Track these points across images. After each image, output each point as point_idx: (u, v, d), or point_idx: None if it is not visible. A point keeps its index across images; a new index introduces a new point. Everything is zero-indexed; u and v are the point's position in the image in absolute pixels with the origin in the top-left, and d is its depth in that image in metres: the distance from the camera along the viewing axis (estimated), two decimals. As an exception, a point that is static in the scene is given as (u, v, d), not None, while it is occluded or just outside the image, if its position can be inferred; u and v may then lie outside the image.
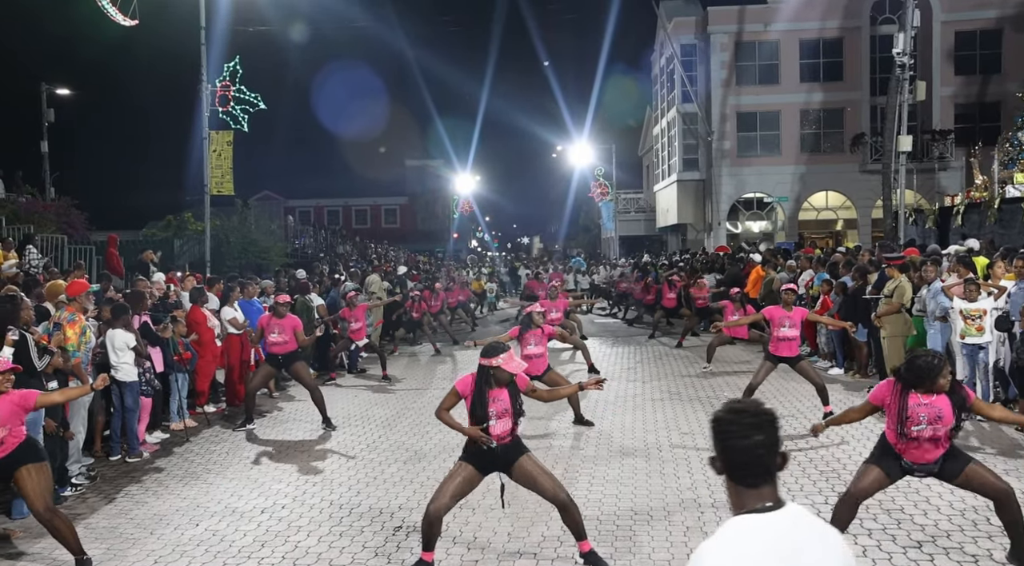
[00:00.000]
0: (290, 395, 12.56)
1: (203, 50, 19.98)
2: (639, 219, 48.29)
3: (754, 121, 35.44)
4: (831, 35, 34.47)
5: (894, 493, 6.71)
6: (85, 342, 8.21)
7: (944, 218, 20.86)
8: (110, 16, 17.22)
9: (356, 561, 5.76)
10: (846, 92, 34.63)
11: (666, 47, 36.97)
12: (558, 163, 60.24)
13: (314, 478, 7.91)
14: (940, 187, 31.47)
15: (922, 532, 5.87)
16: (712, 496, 6.84)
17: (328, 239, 41.87)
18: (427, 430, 9.80)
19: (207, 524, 6.66)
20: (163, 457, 8.95)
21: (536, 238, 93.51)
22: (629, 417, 10.09)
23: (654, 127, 44.09)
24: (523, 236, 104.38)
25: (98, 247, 20.29)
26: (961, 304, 9.15)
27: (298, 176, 63.52)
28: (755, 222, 36.74)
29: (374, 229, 62.90)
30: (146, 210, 39.91)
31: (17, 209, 21.36)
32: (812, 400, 10.07)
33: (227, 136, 20.82)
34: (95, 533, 6.51)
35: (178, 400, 10.25)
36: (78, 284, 8.72)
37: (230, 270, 18.26)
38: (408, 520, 6.54)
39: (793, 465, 7.68)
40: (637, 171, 52.15)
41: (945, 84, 33.35)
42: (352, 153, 62.62)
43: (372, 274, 19.26)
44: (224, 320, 11.56)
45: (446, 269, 28.31)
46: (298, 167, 64.34)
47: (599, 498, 6.93)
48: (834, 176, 34.67)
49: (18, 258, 14.90)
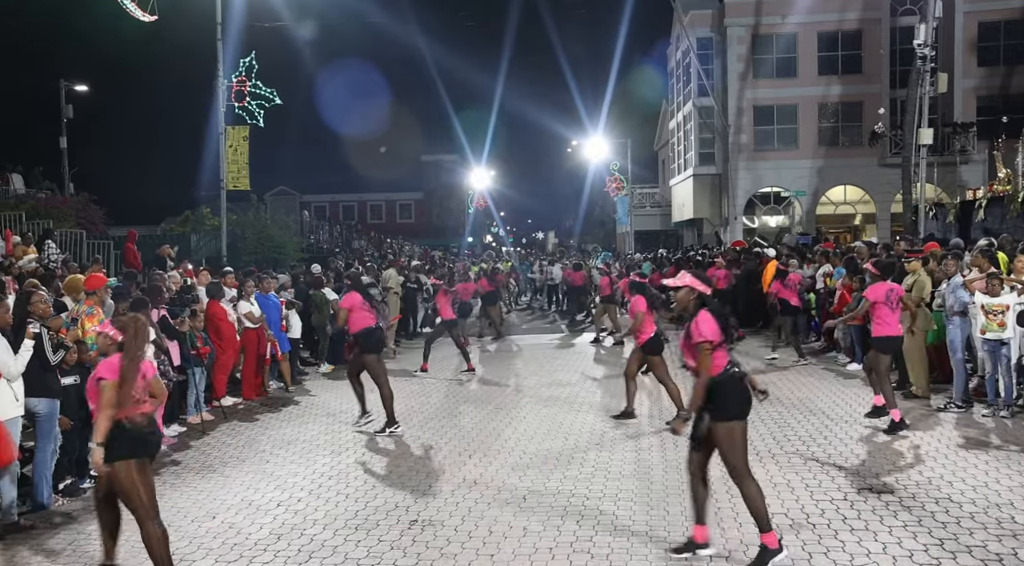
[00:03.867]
0: (305, 389, 12.59)
1: (219, 46, 20.06)
2: (655, 214, 48.10)
3: (771, 115, 35.19)
4: (850, 27, 34.15)
5: (915, 490, 6.64)
6: (103, 335, 8.24)
7: (965, 212, 20.62)
8: (129, 12, 17.28)
9: (372, 554, 5.75)
10: (865, 85, 34.32)
11: (682, 40, 36.76)
12: (573, 158, 60.11)
13: (329, 472, 7.91)
14: (961, 181, 31.13)
15: (944, 530, 5.79)
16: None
17: (343, 234, 41.96)
18: (441, 424, 9.79)
19: (224, 517, 6.67)
20: (180, 450, 8.98)
21: (551, 233, 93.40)
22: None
23: (670, 121, 43.89)
24: (538, 231, 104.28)
25: (116, 242, 20.42)
26: (983, 299, 9.03)
27: (313, 171, 63.53)
28: (772, 217, 36.50)
29: (389, 224, 62.97)
30: (163, 205, 40.10)
31: (36, 204, 21.52)
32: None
33: (243, 131, 20.89)
34: (113, 526, 6.54)
35: (195, 394, 10.28)
36: (96, 278, 8.77)
37: (246, 265, 18.30)
38: (423, 514, 6.52)
39: (812, 462, 7.62)
40: (653, 165, 51.92)
41: (967, 76, 32.94)
42: (367, 148, 62.63)
43: (389, 269, 19.31)
44: (240, 314, 11.58)
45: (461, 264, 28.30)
46: (313, 162, 64.45)
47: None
48: (852, 170, 34.39)
49: (37, 253, 15.01)
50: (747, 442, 5.36)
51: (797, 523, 6.01)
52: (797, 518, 6.11)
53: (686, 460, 5.60)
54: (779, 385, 11.50)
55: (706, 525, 5.52)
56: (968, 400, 9.48)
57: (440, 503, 6.78)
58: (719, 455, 5.35)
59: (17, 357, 6.52)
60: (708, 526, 5.54)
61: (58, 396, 7.04)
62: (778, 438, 8.53)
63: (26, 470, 7.05)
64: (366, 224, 57.73)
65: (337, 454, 8.58)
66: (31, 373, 6.66)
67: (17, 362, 6.50)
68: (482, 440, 8.91)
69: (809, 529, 5.89)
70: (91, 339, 7.93)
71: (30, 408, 6.78)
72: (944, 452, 7.74)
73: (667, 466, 7.61)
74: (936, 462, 7.42)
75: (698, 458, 5.49)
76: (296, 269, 19.05)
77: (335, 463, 8.23)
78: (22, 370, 6.55)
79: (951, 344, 9.63)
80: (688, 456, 5.56)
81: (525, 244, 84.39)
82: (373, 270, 19.41)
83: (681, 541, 5.63)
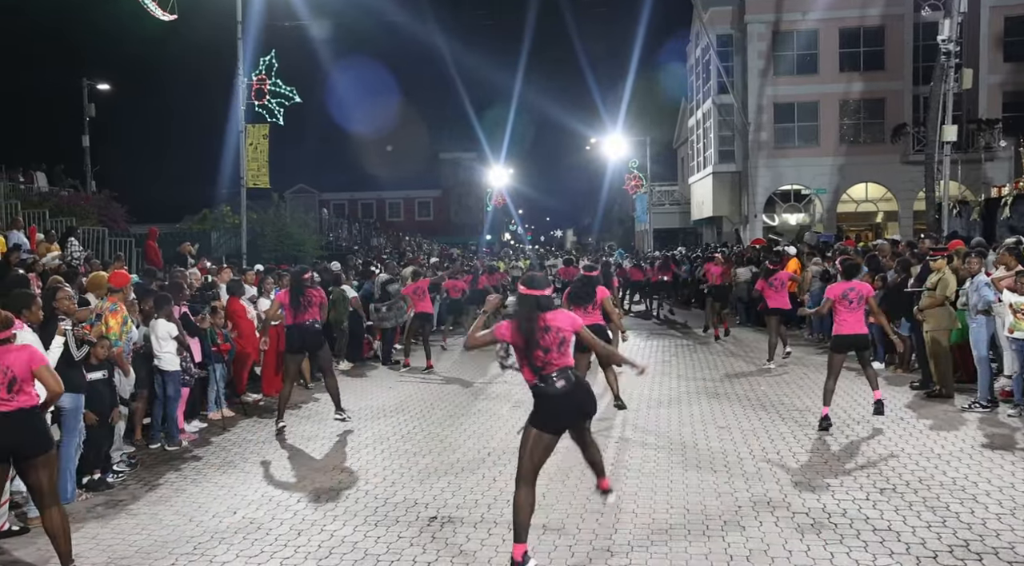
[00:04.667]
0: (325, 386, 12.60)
1: (239, 44, 20.16)
2: (674, 212, 47.95)
3: (791, 112, 34.94)
4: (872, 23, 33.85)
5: (939, 491, 6.57)
6: (127, 332, 8.32)
7: (990, 210, 20.39)
8: (149, 11, 17.39)
9: (392, 550, 5.75)
10: (887, 82, 34.00)
11: (702, 37, 36.58)
12: (592, 155, 59.96)
13: (350, 468, 7.93)
14: (986, 178, 30.80)
15: (969, 531, 5.72)
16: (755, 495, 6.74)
17: (362, 232, 42.09)
18: (461, 421, 9.80)
19: (244, 512, 6.71)
20: (201, 446, 9.03)
21: (569, 231, 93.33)
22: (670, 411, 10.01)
23: (689, 119, 43.69)
24: (556, 229, 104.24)
25: (137, 239, 20.58)
26: (1011, 297, 8.92)
27: (332, 169, 63.68)
28: (792, 214, 36.25)
29: (407, 222, 63.12)
30: (183, 203, 40.41)
31: (60, 202, 21.74)
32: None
33: (263, 129, 21.01)
34: (136, 519, 6.60)
35: (216, 390, 10.34)
36: (121, 275, 8.83)
37: (265, 262, 18.40)
38: (443, 510, 6.53)
39: (833, 460, 7.56)
40: (672, 163, 51.75)
41: (993, 72, 32.56)
42: (384, 146, 62.74)
43: (408, 266, 19.39)
44: (260, 311, 11.63)
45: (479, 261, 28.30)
46: (332, 160, 64.56)
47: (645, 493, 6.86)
48: (874, 167, 34.08)
49: (60, 250, 15.15)
50: (542, 452, 5.26)
51: (819, 523, 5.96)
52: (819, 518, 6.06)
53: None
54: (798, 383, 11.44)
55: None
56: (993, 400, 9.37)
57: (459, 500, 6.78)
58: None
59: (48, 354, 6.56)
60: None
61: (82, 391, 7.10)
62: (798, 437, 8.47)
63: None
64: (384, 222, 57.91)
65: (356, 450, 8.60)
66: (56, 368, 6.70)
67: (47, 359, 6.54)
68: (501, 437, 8.91)
69: (831, 529, 5.84)
70: (114, 335, 8.01)
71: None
72: (968, 452, 7.65)
73: (685, 465, 7.58)
74: (961, 462, 7.34)
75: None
76: (316, 266, 19.13)
77: (354, 459, 8.25)
78: (52, 367, 6.59)
79: (975, 343, 9.53)
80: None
81: (543, 242, 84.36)
82: (392, 267, 19.47)
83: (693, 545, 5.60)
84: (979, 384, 9.48)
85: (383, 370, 14.13)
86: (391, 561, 5.58)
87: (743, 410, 9.87)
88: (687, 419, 9.50)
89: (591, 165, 63.64)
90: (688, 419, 9.50)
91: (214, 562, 5.68)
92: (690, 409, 10.05)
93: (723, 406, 10.15)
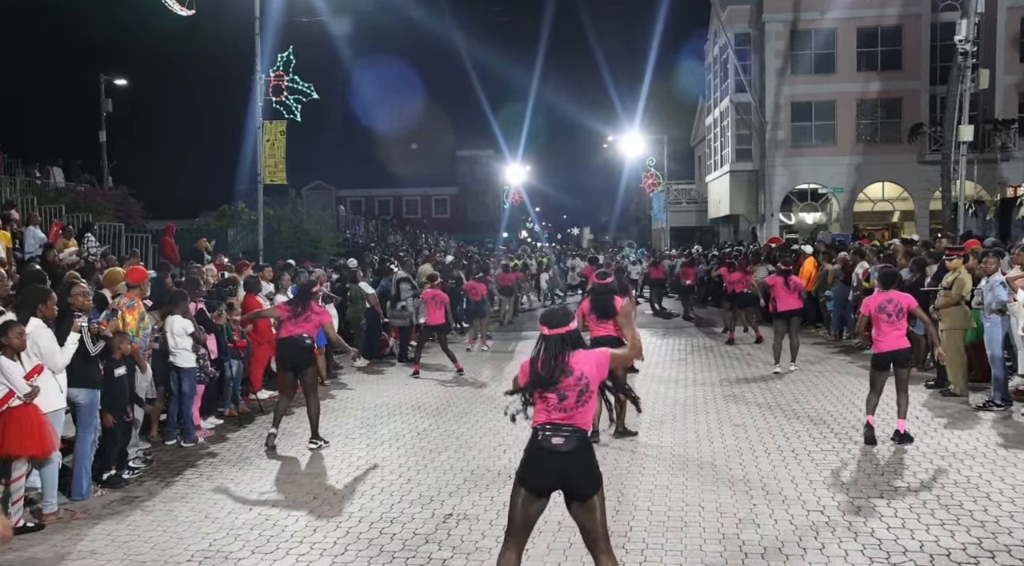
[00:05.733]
0: (341, 383, 12.69)
1: (257, 40, 20.26)
2: (690, 210, 47.82)
3: (809, 111, 34.82)
4: (890, 23, 33.67)
5: (953, 489, 6.56)
6: (143, 328, 8.38)
7: (1006, 210, 20.27)
8: (167, 6, 17.50)
9: (407, 547, 5.79)
10: (905, 81, 33.81)
11: (719, 36, 36.47)
12: (609, 153, 59.94)
13: (365, 465, 7.98)
14: (1002, 178, 30.61)
15: (983, 529, 5.71)
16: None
17: (379, 229, 42.20)
18: (477, 419, 9.83)
19: (260, 509, 6.75)
20: (217, 443, 9.10)
21: (586, 229, 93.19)
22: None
23: (707, 117, 43.57)
24: (573, 227, 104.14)
25: (154, 235, 20.71)
26: (1025, 297, 8.88)
27: (349, 166, 64.00)
28: (809, 213, 36.10)
29: (424, 219, 63.21)
30: (200, 199, 40.69)
31: (76, 197, 21.89)
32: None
33: (280, 126, 21.10)
34: (152, 515, 6.65)
35: (231, 386, 10.41)
36: (139, 271, 8.90)
37: (285, 258, 18.50)
38: (458, 508, 6.56)
39: (850, 460, 7.55)
40: (689, 161, 51.61)
41: (1009, 72, 32.33)
42: (402, 143, 62.97)
43: (424, 264, 19.46)
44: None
45: (495, 258, 28.35)
46: (349, 157, 64.96)
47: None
48: (891, 167, 33.93)
49: (78, 246, 15.27)
50: (521, 508, 4.40)
51: (833, 520, 5.97)
52: (833, 515, 6.07)
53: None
54: (814, 381, 11.41)
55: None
56: (1007, 399, 9.33)
57: (475, 497, 6.81)
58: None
59: (63, 349, 6.64)
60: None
61: (98, 386, 7.12)
62: (813, 435, 8.46)
63: (67, 460, 7.13)
64: (401, 219, 58.01)
65: (372, 447, 8.65)
66: (72, 363, 6.77)
67: (63, 354, 6.62)
68: (517, 435, 8.93)
69: (845, 526, 5.84)
70: (131, 331, 8.08)
71: (71, 398, 6.88)
72: (983, 451, 7.63)
73: (701, 463, 7.59)
74: (975, 460, 7.32)
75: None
76: (333, 262, 19.23)
77: (370, 456, 8.30)
78: (67, 362, 6.66)
79: (989, 342, 9.50)
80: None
81: (560, 240, 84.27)
82: (409, 264, 19.54)
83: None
84: (993, 383, 9.44)
85: (399, 367, 14.19)
86: (406, 558, 5.61)
87: (759, 409, 9.85)
88: (703, 416, 9.50)
89: (608, 163, 63.63)
90: (704, 417, 9.50)
91: (230, 558, 5.72)
92: (705, 407, 10.05)
93: (739, 406, 10.14)
